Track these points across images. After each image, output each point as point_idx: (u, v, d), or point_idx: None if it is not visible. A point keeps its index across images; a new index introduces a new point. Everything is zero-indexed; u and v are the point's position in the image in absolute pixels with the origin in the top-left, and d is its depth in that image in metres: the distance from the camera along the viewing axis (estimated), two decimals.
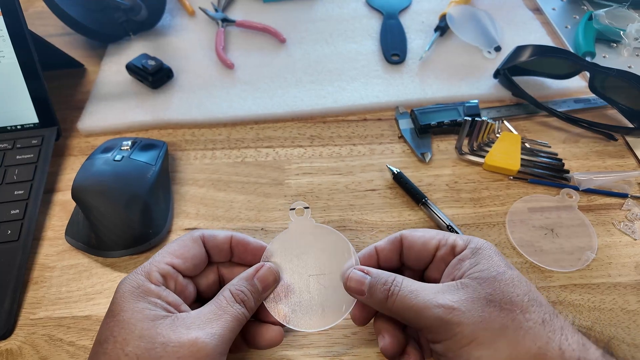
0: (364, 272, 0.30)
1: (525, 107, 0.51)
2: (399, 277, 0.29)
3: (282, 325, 0.32)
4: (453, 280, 0.29)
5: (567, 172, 0.45)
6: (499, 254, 0.30)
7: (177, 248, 0.31)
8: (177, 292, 0.30)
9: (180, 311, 0.28)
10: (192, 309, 0.29)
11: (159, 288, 0.28)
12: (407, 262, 0.33)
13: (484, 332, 0.25)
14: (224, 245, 0.33)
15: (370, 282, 0.30)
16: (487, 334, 0.25)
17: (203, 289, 0.33)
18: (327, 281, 0.32)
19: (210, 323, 0.27)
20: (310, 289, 0.32)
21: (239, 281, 0.31)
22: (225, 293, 0.30)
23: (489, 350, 0.25)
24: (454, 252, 0.31)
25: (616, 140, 0.48)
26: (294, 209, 0.34)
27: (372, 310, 0.32)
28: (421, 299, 0.27)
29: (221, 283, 0.34)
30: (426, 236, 0.32)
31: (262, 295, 0.31)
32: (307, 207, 0.34)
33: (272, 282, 0.32)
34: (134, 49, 0.58)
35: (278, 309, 0.32)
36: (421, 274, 0.33)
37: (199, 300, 0.32)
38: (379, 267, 0.32)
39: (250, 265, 0.32)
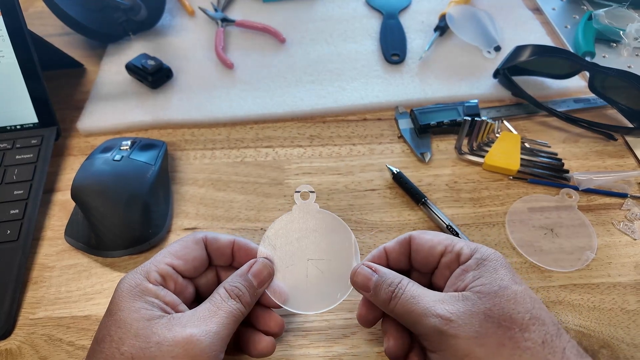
0: (372, 269, 0.30)
1: (525, 107, 0.51)
2: (405, 280, 0.29)
3: (279, 307, 0.32)
4: (456, 290, 0.28)
5: (567, 172, 0.45)
6: (506, 265, 0.29)
7: (178, 249, 0.31)
8: (176, 292, 0.30)
9: (177, 311, 0.28)
10: (191, 309, 0.29)
11: (157, 287, 0.29)
12: (414, 264, 0.32)
13: (478, 348, 0.25)
14: (225, 249, 0.33)
15: (377, 280, 0.30)
16: (482, 350, 0.25)
17: (202, 290, 0.33)
18: (326, 267, 0.33)
19: (205, 320, 0.27)
20: (308, 273, 0.33)
21: (233, 278, 0.31)
22: (219, 291, 0.30)
23: None
24: (458, 260, 0.30)
25: (616, 140, 0.48)
26: (299, 191, 0.34)
27: (379, 314, 0.31)
28: (421, 305, 0.27)
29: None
30: (434, 240, 0.31)
31: (257, 291, 0.31)
32: (313, 192, 0.34)
33: (267, 276, 0.32)
34: (134, 49, 0.58)
35: (275, 291, 0.32)
36: (429, 278, 0.33)
37: (198, 301, 0.32)
38: (388, 267, 0.32)
39: None
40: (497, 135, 0.47)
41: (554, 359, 0.24)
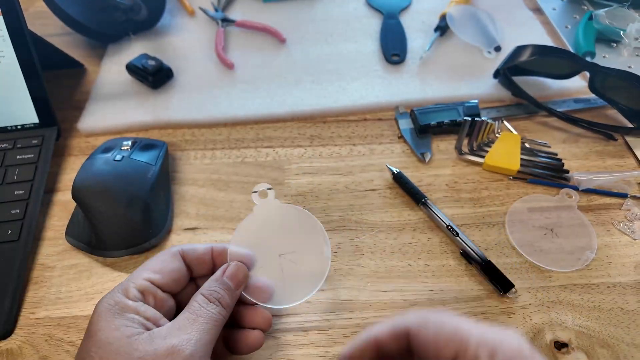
0: None
1: (525, 107, 0.51)
2: None
3: (255, 304, 0.32)
4: None
5: (567, 172, 0.45)
6: None
7: (154, 264, 0.31)
8: (156, 307, 0.29)
9: (158, 326, 0.28)
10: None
11: (137, 304, 0.28)
12: None
13: None
14: (204, 257, 0.32)
15: None
16: None
17: (184, 305, 0.31)
18: (298, 258, 0.33)
19: (185, 329, 0.27)
20: (283, 268, 0.33)
21: (210, 283, 0.30)
22: (197, 298, 0.29)
23: None
24: None
25: (616, 140, 0.48)
26: (256, 191, 0.33)
27: None
28: None
29: None
30: (439, 341, 0.24)
31: (235, 293, 0.31)
32: (271, 189, 0.34)
33: (243, 277, 0.31)
34: (134, 49, 0.58)
35: (254, 292, 0.32)
36: None
37: None
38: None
39: None
40: (497, 135, 0.47)
41: None
